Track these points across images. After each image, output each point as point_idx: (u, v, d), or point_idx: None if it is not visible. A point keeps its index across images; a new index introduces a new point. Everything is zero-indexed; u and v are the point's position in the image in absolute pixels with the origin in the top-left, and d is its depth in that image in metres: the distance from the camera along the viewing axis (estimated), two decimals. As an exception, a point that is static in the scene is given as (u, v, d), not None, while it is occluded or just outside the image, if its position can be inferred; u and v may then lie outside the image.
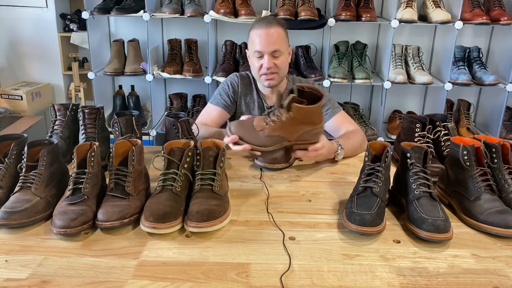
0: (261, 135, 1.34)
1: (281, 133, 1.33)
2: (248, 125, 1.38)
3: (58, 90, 3.36)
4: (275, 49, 1.70)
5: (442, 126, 1.49)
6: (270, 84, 1.77)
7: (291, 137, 1.35)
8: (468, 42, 2.87)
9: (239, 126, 1.39)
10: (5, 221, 1.05)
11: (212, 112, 1.84)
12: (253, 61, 1.76)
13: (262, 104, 1.87)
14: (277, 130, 1.33)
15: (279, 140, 1.35)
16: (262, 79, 1.76)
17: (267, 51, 1.69)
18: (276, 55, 1.71)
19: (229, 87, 1.86)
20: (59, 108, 1.48)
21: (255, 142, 1.34)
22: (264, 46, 1.69)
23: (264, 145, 1.35)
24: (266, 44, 1.69)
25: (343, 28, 2.80)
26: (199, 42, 2.85)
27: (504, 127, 2.83)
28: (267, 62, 1.70)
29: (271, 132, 1.33)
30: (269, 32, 1.69)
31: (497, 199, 1.15)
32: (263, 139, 1.33)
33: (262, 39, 1.69)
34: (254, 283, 0.90)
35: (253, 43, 1.74)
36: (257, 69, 1.75)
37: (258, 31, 1.71)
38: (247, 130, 1.36)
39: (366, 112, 3.07)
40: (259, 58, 1.72)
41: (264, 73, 1.73)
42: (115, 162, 1.15)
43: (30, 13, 3.15)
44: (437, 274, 0.94)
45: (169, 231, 1.05)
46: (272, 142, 1.34)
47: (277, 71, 1.73)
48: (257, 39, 1.71)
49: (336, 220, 1.16)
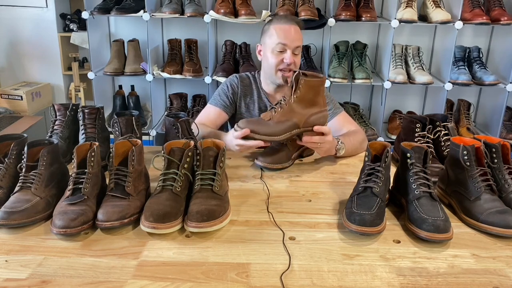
0: (270, 124, 1.35)
1: (290, 117, 1.35)
2: (256, 119, 1.41)
3: (58, 90, 3.36)
4: (298, 45, 1.73)
5: (442, 126, 1.49)
6: (287, 80, 1.76)
7: (300, 121, 1.37)
8: (468, 42, 2.87)
9: (246, 121, 1.40)
10: (5, 221, 1.05)
11: (211, 112, 1.84)
12: (270, 55, 1.73)
13: (264, 105, 1.86)
14: (285, 114, 1.34)
15: (289, 125, 1.36)
16: (279, 74, 1.75)
17: (292, 46, 1.71)
18: (297, 52, 1.74)
19: (228, 88, 1.86)
20: (59, 108, 1.48)
21: (265, 131, 1.35)
22: (290, 40, 1.71)
23: (275, 134, 1.35)
24: (292, 38, 1.71)
25: (343, 28, 2.79)
26: (199, 42, 2.85)
27: (504, 127, 2.83)
28: (289, 57, 1.71)
29: (280, 117, 1.35)
30: (294, 28, 1.73)
31: (497, 199, 1.15)
32: (273, 127, 1.35)
33: (287, 34, 1.71)
34: (254, 283, 0.90)
35: (275, 36, 1.72)
36: (274, 64, 1.73)
37: (282, 26, 1.72)
38: (256, 122, 1.38)
39: (366, 112, 3.07)
40: (280, 52, 1.71)
41: (283, 68, 1.73)
42: (115, 162, 1.15)
43: (30, 13, 3.15)
44: (437, 274, 0.94)
45: (169, 231, 1.05)
46: (283, 128, 1.35)
47: (294, 68, 1.74)
48: (282, 33, 1.71)
49: (336, 220, 1.16)
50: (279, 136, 1.35)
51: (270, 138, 1.36)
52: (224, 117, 1.85)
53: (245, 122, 1.40)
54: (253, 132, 1.35)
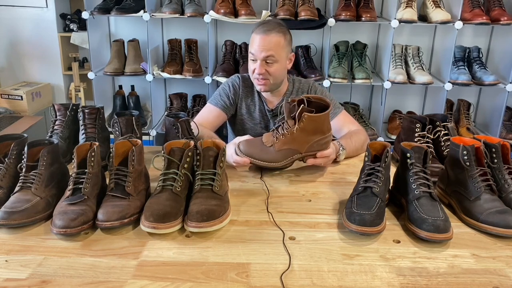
0: (271, 151, 1.34)
1: (292, 146, 1.34)
2: (257, 143, 1.38)
3: (58, 90, 3.36)
4: (268, 55, 1.66)
5: (442, 126, 1.49)
6: (261, 89, 1.76)
7: (302, 149, 1.36)
8: (468, 42, 2.87)
9: (248, 145, 1.38)
10: (5, 221, 1.05)
11: (211, 112, 1.83)
12: (249, 62, 1.76)
13: (263, 107, 1.86)
14: (287, 143, 1.33)
15: (290, 154, 1.36)
16: (254, 82, 1.77)
17: (260, 57, 1.68)
18: (269, 61, 1.68)
19: (230, 88, 1.85)
20: (59, 108, 1.48)
21: (266, 158, 1.34)
22: (258, 51, 1.67)
23: (276, 161, 1.35)
24: (260, 49, 1.67)
25: (343, 28, 2.79)
26: (199, 42, 2.85)
27: (504, 127, 2.83)
28: (258, 67, 1.68)
29: (281, 146, 1.34)
30: (266, 37, 1.66)
31: (497, 199, 1.15)
32: (274, 154, 1.34)
33: (257, 44, 1.68)
34: (254, 283, 0.90)
35: (250, 45, 1.74)
36: (251, 71, 1.75)
37: (255, 35, 1.70)
38: (257, 147, 1.36)
39: (366, 112, 3.07)
40: (253, 61, 1.71)
41: (255, 77, 1.73)
42: (115, 162, 1.15)
43: (30, 13, 3.15)
44: (437, 274, 0.94)
45: (169, 231, 1.05)
46: (283, 156, 1.35)
47: (268, 77, 1.70)
48: (253, 42, 1.70)
49: (336, 220, 1.16)
50: (280, 163, 1.36)
51: (271, 165, 1.36)
52: (223, 117, 1.85)
53: (246, 145, 1.38)
54: (254, 159, 1.35)
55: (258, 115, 1.86)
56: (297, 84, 1.87)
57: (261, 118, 1.86)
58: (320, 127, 1.36)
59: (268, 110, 1.84)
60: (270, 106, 1.84)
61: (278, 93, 1.83)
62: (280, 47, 1.68)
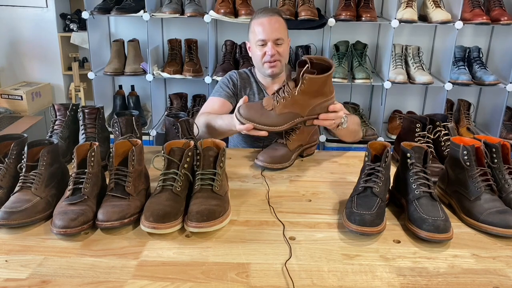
0: (272, 114, 1.30)
1: (293, 109, 1.30)
2: (257, 107, 1.33)
3: (58, 90, 3.36)
4: (278, 37, 1.75)
5: (442, 126, 1.49)
6: (273, 72, 1.80)
7: (303, 112, 1.32)
8: (468, 42, 2.87)
9: (248, 109, 1.34)
10: (5, 221, 1.05)
11: (215, 103, 1.83)
12: (255, 50, 1.80)
13: (263, 95, 1.88)
14: (288, 106, 1.29)
15: (291, 117, 1.31)
16: (266, 67, 1.79)
17: (271, 39, 1.74)
18: (279, 42, 1.76)
19: (229, 81, 1.90)
20: (59, 108, 1.48)
21: (267, 122, 1.31)
22: (268, 34, 1.74)
23: (277, 124, 1.31)
24: (269, 32, 1.74)
25: (343, 28, 2.79)
26: (199, 42, 2.85)
27: (504, 127, 2.83)
28: (271, 49, 1.74)
29: (282, 109, 1.29)
30: (271, 20, 1.75)
31: (497, 199, 1.15)
32: (275, 118, 1.30)
33: (265, 27, 1.74)
34: (254, 283, 0.90)
35: (255, 33, 1.78)
36: (259, 57, 1.78)
37: (260, 20, 1.76)
38: (257, 111, 1.32)
39: (366, 112, 3.07)
40: (262, 46, 1.76)
41: (267, 60, 1.77)
42: (115, 162, 1.15)
43: (30, 13, 3.15)
44: (437, 274, 0.94)
45: (169, 231, 1.05)
46: (285, 120, 1.31)
47: (279, 58, 1.77)
48: (260, 28, 1.75)
49: (336, 220, 1.16)
50: (281, 126, 1.32)
51: (272, 129, 1.32)
52: (228, 106, 1.84)
53: (245, 109, 1.34)
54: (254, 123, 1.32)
55: None
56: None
57: None
58: (322, 89, 1.32)
59: None
60: (270, 93, 1.86)
61: (279, 79, 1.86)
62: (284, 29, 1.80)
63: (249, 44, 1.87)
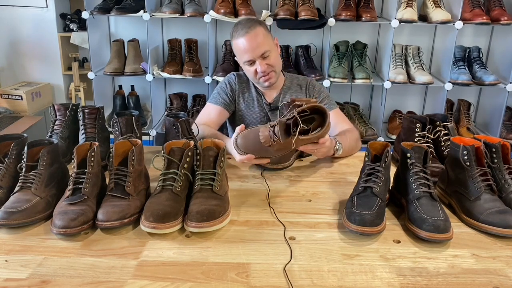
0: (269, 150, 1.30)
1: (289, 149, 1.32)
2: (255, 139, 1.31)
3: (58, 90, 3.36)
4: (263, 51, 1.68)
5: (442, 126, 1.49)
6: (270, 83, 1.77)
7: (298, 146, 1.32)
8: (468, 42, 2.87)
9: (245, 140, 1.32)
10: (5, 221, 1.05)
11: (212, 111, 1.83)
12: (246, 68, 1.76)
13: (261, 101, 1.86)
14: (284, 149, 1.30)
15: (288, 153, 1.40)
16: (261, 81, 1.76)
17: (257, 56, 1.68)
18: (266, 55, 1.70)
19: (227, 85, 1.87)
20: (59, 108, 1.48)
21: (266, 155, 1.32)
22: (252, 52, 1.68)
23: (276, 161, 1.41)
24: (253, 49, 1.67)
25: (343, 28, 2.79)
26: (199, 42, 2.85)
27: (504, 127, 2.83)
28: (260, 66, 1.70)
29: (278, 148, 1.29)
30: (250, 37, 1.67)
31: (497, 199, 1.15)
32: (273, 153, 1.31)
33: (247, 47, 1.67)
34: (254, 283, 0.90)
35: (239, 54, 1.73)
36: (253, 74, 1.75)
37: (240, 40, 1.69)
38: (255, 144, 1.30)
39: (366, 112, 3.07)
40: (251, 65, 1.72)
41: (260, 76, 1.73)
42: (115, 162, 1.15)
43: (30, 13, 3.15)
44: (437, 274, 0.94)
45: (169, 231, 1.05)
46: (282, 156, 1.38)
47: (272, 69, 1.74)
48: (242, 48, 1.69)
49: (336, 220, 1.16)
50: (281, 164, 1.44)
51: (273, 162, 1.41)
52: (225, 115, 1.85)
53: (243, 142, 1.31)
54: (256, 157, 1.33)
55: (258, 109, 1.86)
56: (295, 80, 1.89)
57: (260, 111, 1.87)
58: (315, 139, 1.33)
59: (266, 104, 1.85)
60: (268, 99, 1.85)
61: (275, 86, 1.84)
62: (266, 38, 1.71)
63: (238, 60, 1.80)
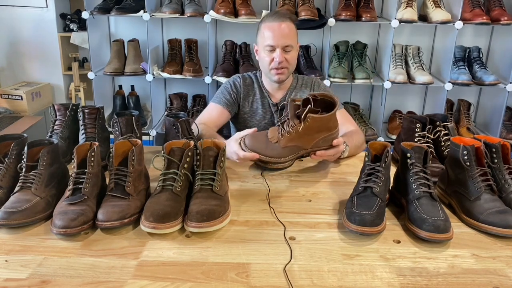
0: (277, 147, 1.31)
1: (297, 143, 1.32)
2: (263, 138, 1.35)
3: (58, 90, 3.36)
4: (287, 43, 1.71)
5: (442, 126, 1.49)
6: (279, 79, 1.77)
7: (307, 145, 1.34)
8: (468, 42, 2.87)
9: (253, 140, 1.35)
10: (5, 221, 1.05)
11: (214, 110, 1.82)
12: (263, 55, 1.75)
13: (267, 103, 1.86)
14: (292, 140, 1.31)
15: (295, 150, 1.33)
16: (272, 73, 1.76)
17: (280, 45, 1.70)
18: (288, 49, 1.72)
19: (231, 86, 1.86)
20: (59, 108, 1.48)
21: (271, 154, 1.32)
22: (277, 40, 1.70)
23: (281, 156, 1.33)
24: (279, 37, 1.69)
25: (343, 28, 2.79)
26: (199, 42, 2.85)
27: (504, 127, 2.83)
28: (279, 56, 1.70)
29: (287, 142, 1.31)
30: (281, 26, 1.70)
31: (497, 199, 1.15)
32: (280, 151, 1.32)
33: (275, 33, 1.70)
34: (254, 283, 0.90)
35: (264, 37, 1.73)
36: (267, 63, 1.74)
37: (270, 24, 1.71)
38: (262, 142, 1.34)
39: (366, 112, 3.07)
40: (270, 52, 1.72)
41: (275, 67, 1.73)
42: (115, 162, 1.15)
43: (30, 13, 3.15)
44: (437, 274, 0.94)
45: (169, 231, 1.05)
46: (289, 152, 1.33)
47: (287, 66, 1.74)
48: (269, 32, 1.71)
49: (336, 220, 1.16)
50: (285, 158, 1.34)
51: (276, 161, 1.34)
52: (227, 115, 1.84)
53: (251, 140, 1.35)
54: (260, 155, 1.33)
55: (262, 111, 1.86)
56: (301, 80, 1.89)
57: (264, 113, 1.87)
58: (326, 125, 1.33)
59: (272, 104, 1.85)
60: (274, 100, 1.85)
61: (284, 86, 1.84)
62: (294, 35, 1.74)
63: (256, 47, 1.82)
